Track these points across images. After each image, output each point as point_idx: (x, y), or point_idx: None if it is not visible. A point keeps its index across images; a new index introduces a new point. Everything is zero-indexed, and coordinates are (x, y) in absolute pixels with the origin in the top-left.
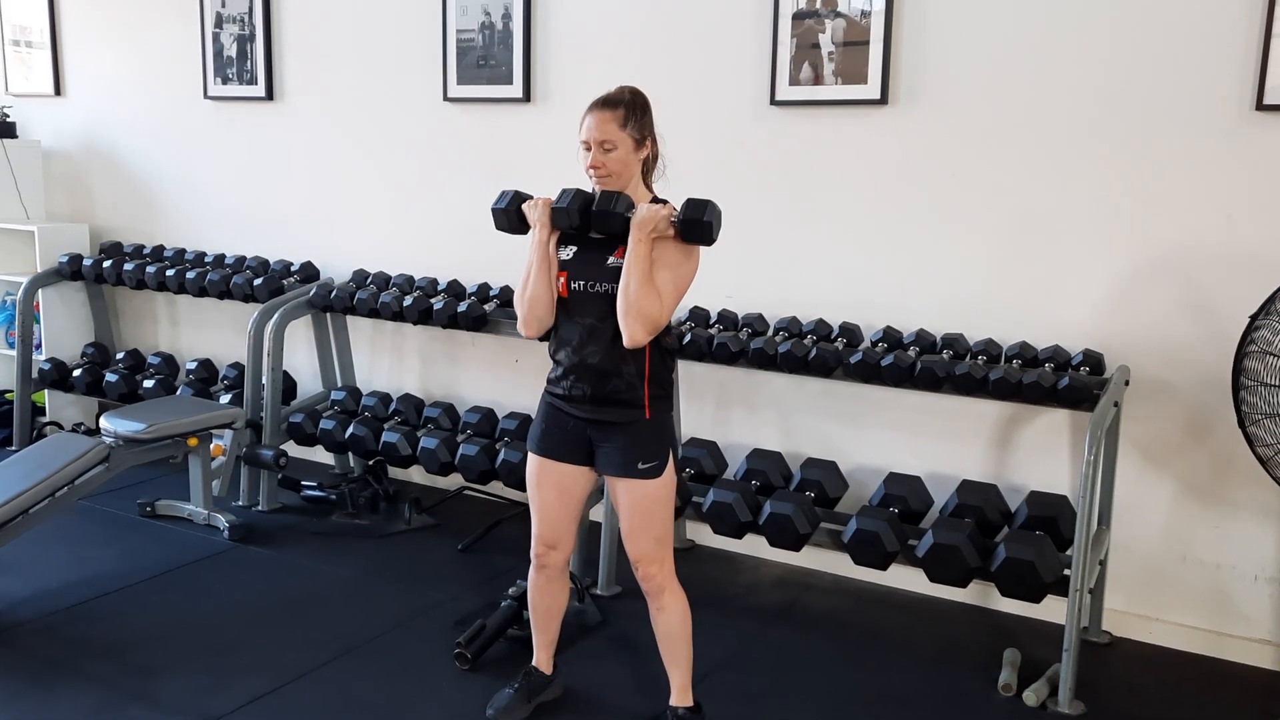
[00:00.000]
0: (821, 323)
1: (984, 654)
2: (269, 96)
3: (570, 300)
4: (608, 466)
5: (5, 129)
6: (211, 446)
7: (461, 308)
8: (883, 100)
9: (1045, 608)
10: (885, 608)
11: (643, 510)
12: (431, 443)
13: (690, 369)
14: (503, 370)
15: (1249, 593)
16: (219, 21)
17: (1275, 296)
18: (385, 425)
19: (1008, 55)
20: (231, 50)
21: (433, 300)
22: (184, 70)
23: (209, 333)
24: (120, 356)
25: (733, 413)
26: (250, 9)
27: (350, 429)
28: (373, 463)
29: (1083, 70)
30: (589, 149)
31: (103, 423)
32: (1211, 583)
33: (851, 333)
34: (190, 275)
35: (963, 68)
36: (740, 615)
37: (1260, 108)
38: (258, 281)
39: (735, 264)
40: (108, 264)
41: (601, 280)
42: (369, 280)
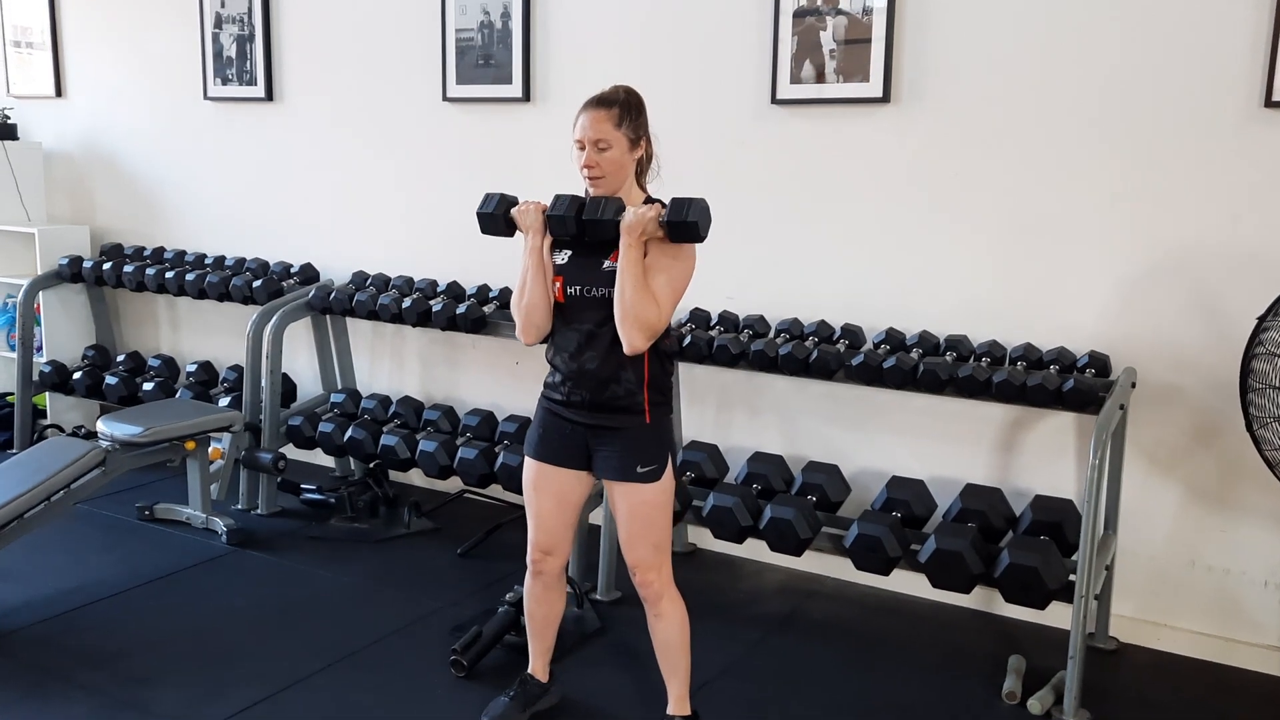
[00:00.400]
0: (823, 324)
1: (989, 661)
2: (269, 97)
3: (567, 305)
4: (606, 471)
5: (6, 131)
6: (210, 450)
7: (460, 310)
8: (885, 99)
9: (1052, 613)
10: (889, 613)
11: (641, 515)
12: (430, 446)
13: (691, 371)
14: (503, 373)
15: (1258, 598)
16: (218, 22)
17: None
18: (384, 428)
19: (1012, 52)
20: (231, 51)
21: (432, 302)
22: (184, 71)
23: (210, 335)
24: (120, 359)
25: (734, 415)
26: (249, 9)
27: (349, 432)
28: (373, 466)
29: (1088, 68)
30: (583, 148)
31: (99, 426)
32: (1220, 588)
33: (854, 334)
34: (190, 277)
35: (966, 65)
36: (742, 621)
37: (1269, 104)
38: (257, 283)
39: (737, 265)
40: (107, 266)
41: (598, 285)
42: (368, 282)
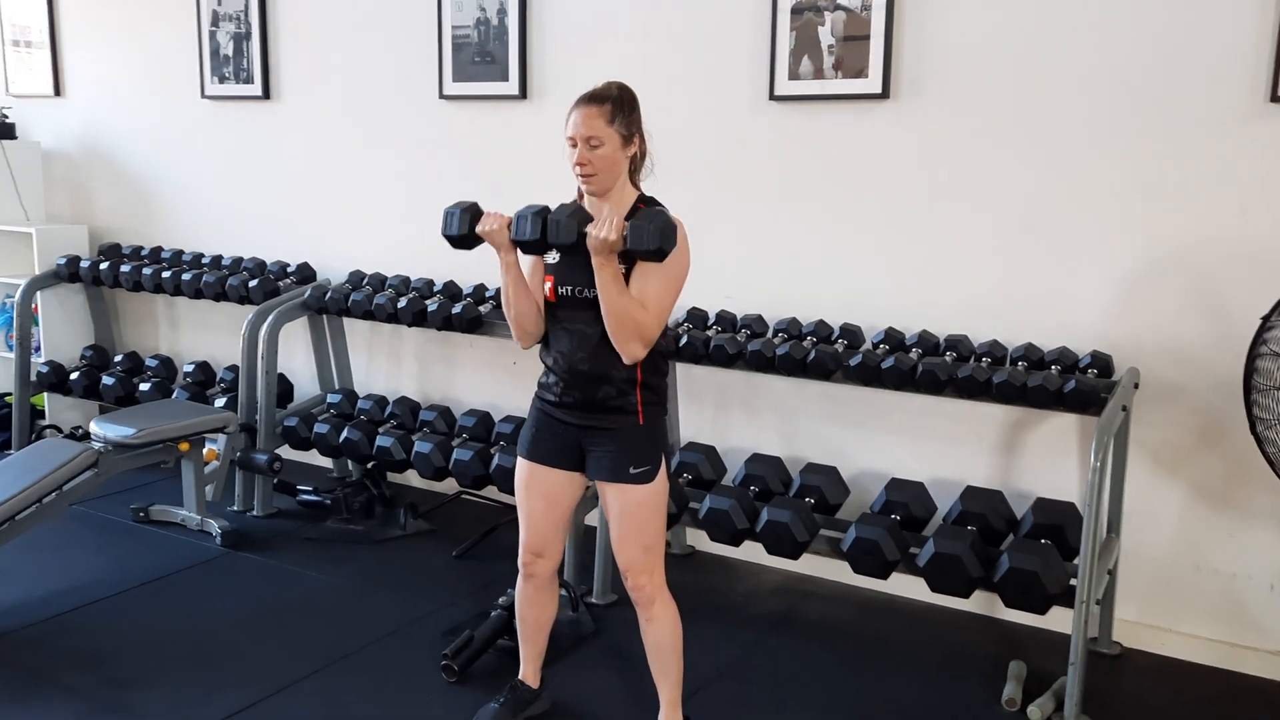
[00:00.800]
0: (822, 324)
1: (989, 665)
2: (265, 95)
3: (558, 305)
4: (598, 471)
5: (4, 130)
6: (205, 451)
7: (456, 309)
8: (885, 94)
9: (1054, 617)
10: (888, 616)
11: (633, 517)
12: (425, 447)
13: (690, 371)
14: (501, 372)
15: (1265, 603)
16: (215, 20)
17: None
18: (380, 429)
19: (1013, 47)
20: (228, 49)
21: (427, 302)
22: (181, 70)
23: (209, 335)
24: (118, 359)
25: (733, 416)
26: (246, 7)
27: (344, 433)
28: (370, 467)
29: (1091, 62)
30: (574, 145)
31: (93, 427)
32: (1226, 593)
33: (852, 334)
34: (186, 277)
35: (967, 60)
36: (739, 624)
37: (1275, 99)
38: (253, 283)
39: (735, 264)
40: (105, 266)
41: (590, 285)
42: (365, 281)
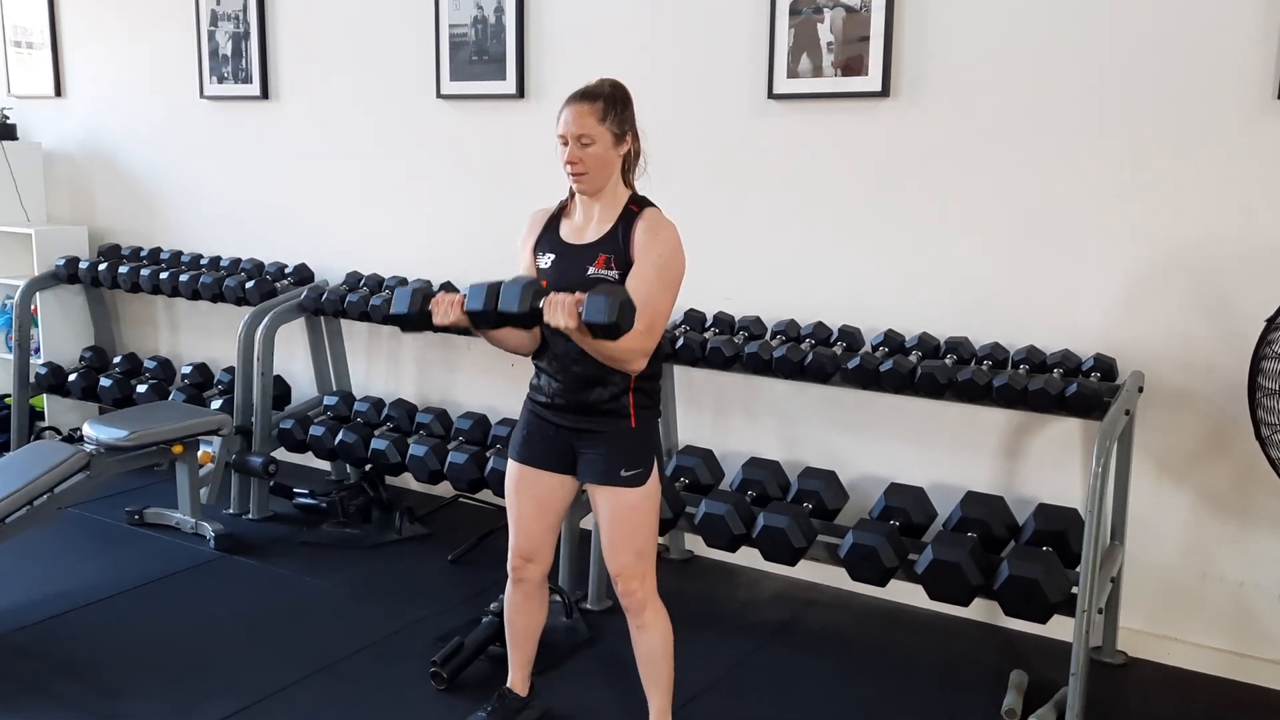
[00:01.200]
0: (821, 326)
1: (990, 674)
2: (264, 95)
3: None
4: (589, 475)
5: (5, 131)
6: (200, 454)
7: None
8: (884, 93)
9: (1057, 625)
10: (888, 624)
11: (624, 521)
12: (420, 450)
13: (688, 374)
14: (499, 375)
15: (1274, 612)
16: (214, 19)
17: None
18: (376, 432)
19: (1015, 44)
20: (227, 49)
21: None
22: (181, 70)
23: (209, 336)
24: (117, 361)
25: (732, 420)
26: (244, 6)
27: (340, 435)
28: (367, 470)
29: (1094, 60)
30: (566, 144)
31: (85, 429)
32: (1234, 601)
33: (851, 336)
34: (184, 278)
35: (968, 58)
36: (736, 632)
37: None
38: (250, 284)
39: (733, 265)
40: (103, 267)
41: (583, 291)
42: (361, 283)
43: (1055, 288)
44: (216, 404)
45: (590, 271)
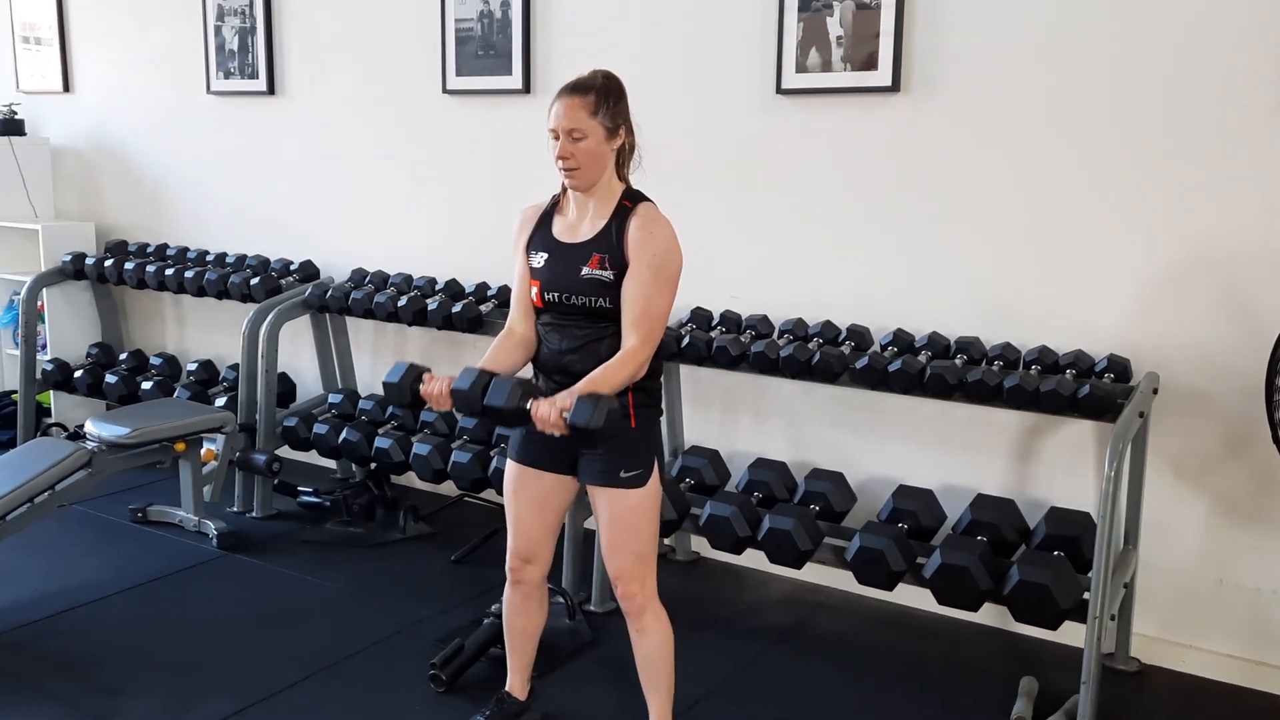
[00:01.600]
0: (829, 325)
1: (1000, 681)
2: (270, 91)
3: (545, 310)
4: (589, 475)
5: (13, 126)
6: (203, 451)
7: (456, 308)
8: (895, 88)
9: (1069, 631)
10: (896, 629)
11: (624, 522)
12: (424, 449)
13: (695, 373)
14: None
15: None
16: (220, 14)
17: None
18: (380, 430)
19: (1030, 38)
20: (233, 44)
21: (428, 301)
22: (188, 65)
23: (215, 333)
24: (123, 357)
25: (738, 420)
26: (250, 1)
27: (344, 434)
28: (372, 468)
29: (1111, 54)
30: (557, 138)
31: (88, 426)
32: (1251, 608)
33: (860, 336)
34: (189, 274)
35: (981, 52)
36: (740, 636)
37: None
38: (255, 281)
39: (740, 263)
40: (109, 263)
41: (577, 293)
42: (367, 279)
43: (1068, 287)
44: (221, 401)
45: (584, 272)
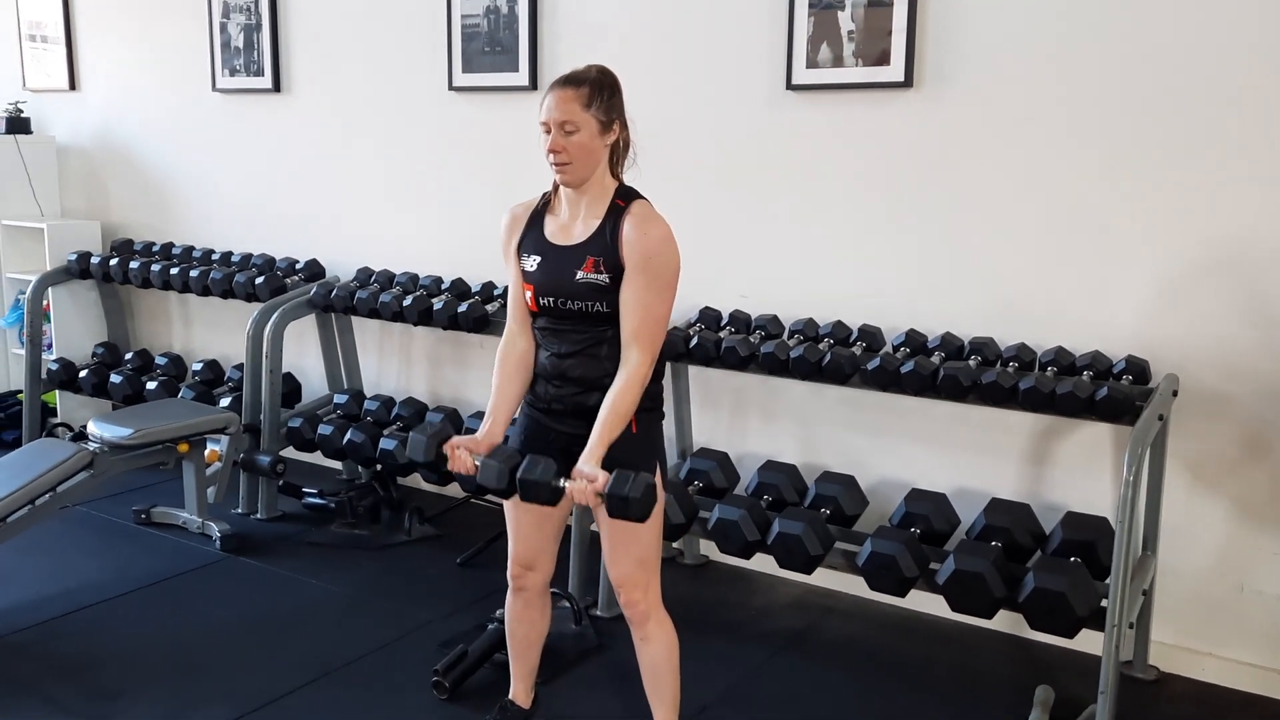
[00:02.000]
0: (840, 325)
1: (1014, 690)
2: (276, 88)
3: (541, 314)
4: None
5: (19, 124)
6: (207, 452)
7: (462, 308)
8: (908, 83)
9: (1085, 637)
10: (908, 635)
11: (625, 529)
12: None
13: (703, 374)
14: None
15: None
16: (226, 11)
17: None
18: (385, 431)
19: (1046, 31)
20: (239, 41)
21: (434, 300)
22: (194, 62)
23: (221, 333)
24: (129, 357)
25: (748, 422)
26: None
27: (348, 435)
28: (378, 469)
29: (1132, 47)
30: (548, 131)
31: (90, 427)
32: (1273, 615)
33: (872, 336)
34: (194, 273)
35: (995, 46)
36: (748, 641)
37: None
38: (260, 280)
39: (749, 261)
40: (115, 262)
41: (573, 298)
42: (372, 279)
43: (1085, 286)
44: (226, 401)
45: (579, 276)
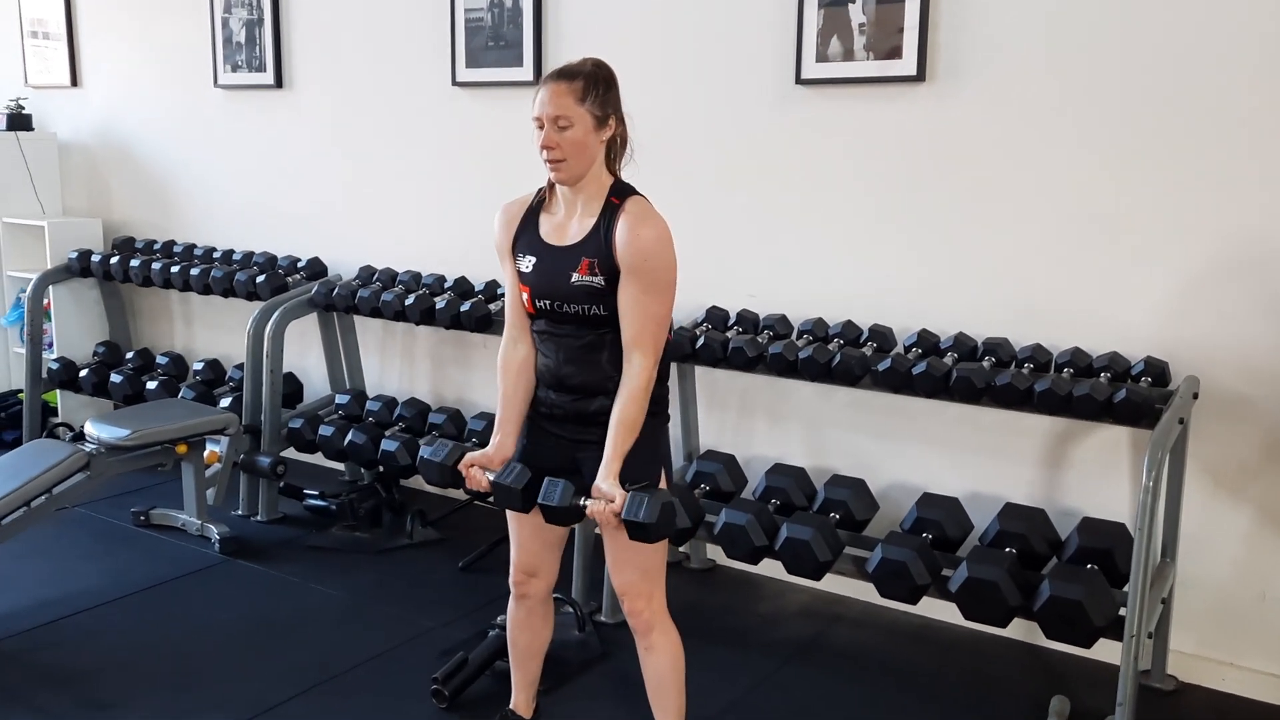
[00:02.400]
0: (850, 325)
1: (1029, 700)
2: (278, 84)
3: (538, 316)
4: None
5: (20, 121)
6: (206, 453)
7: (465, 307)
8: (920, 77)
9: (1103, 646)
10: (919, 643)
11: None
12: (429, 452)
13: (710, 375)
14: None
15: None
16: (228, 6)
17: None
18: (386, 432)
19: (1062, 24)
20: (240, 36)
21: (436, 299)
22: (195, 58)
23: (222, 332)
24: (130, 356)
25: (755, 423)
26: None
27: (349, 436)
28: (379, 471)
29: (1153, 41)
30: (541, 126)
31: (88, 428)
32: None
33: (883, 336)
34: (195, 272)
35: (1010, 39)
36: (755, 650)
37: None
38: (261, 278)
39: (758, 261)
40: (115, 260)
41: (570, 301)
42: (374, 277)
43: (1102, 286)
44: (226, 401)
45: (575, 279)
